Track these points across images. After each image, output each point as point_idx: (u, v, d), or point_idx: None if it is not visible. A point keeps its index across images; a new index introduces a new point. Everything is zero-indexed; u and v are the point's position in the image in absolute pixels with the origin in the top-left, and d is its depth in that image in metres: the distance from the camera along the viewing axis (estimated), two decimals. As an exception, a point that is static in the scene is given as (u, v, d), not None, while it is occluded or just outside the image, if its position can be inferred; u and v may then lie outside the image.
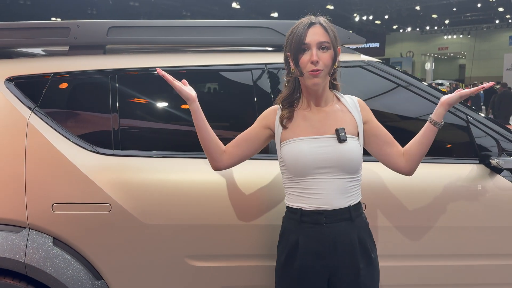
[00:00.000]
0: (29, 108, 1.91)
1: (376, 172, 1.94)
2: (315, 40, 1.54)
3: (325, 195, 1.55)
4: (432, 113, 1.71)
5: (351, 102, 1.68)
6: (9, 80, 1.95)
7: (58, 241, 1.85)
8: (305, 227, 1.57)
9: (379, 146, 1.68)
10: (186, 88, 1.67)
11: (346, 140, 1.55)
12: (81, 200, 1.83)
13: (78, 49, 2.08)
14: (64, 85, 2.00)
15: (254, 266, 1.92)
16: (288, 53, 1.61)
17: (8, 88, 1.93)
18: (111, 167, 1.88)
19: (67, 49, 2.12)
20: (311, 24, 1.56)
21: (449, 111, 2.05)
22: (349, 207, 1.57)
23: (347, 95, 1.71)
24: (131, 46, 2.36)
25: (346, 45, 2.22)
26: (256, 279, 1.92)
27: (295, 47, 1.56)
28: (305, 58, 1.54)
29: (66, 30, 2.04)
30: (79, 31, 2.04)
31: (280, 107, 1.66)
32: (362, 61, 2.13)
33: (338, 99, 1.69)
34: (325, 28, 1.56)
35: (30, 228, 1.83)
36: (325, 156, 1.55)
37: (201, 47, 2.36)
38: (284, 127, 1.62)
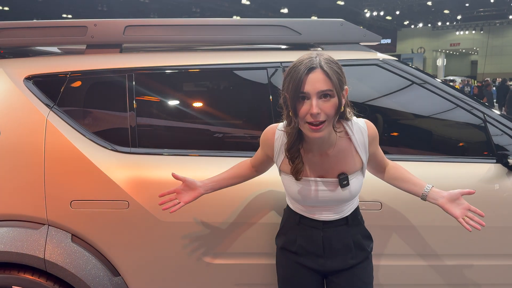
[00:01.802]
0: (48, 106, 1.93)
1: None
2: (315, 89, 1.35)
3: (324, 215, 1.62)
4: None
5: (360, 140, 1.55)
6: (28, 78, 1.98)
7: (76, 238, 1.88)
8: (304, 228, 1.64)
9: (370, 166, 1.72)
10: (188, 181, 1.70)
11: (348, 185, 1.55)
12: (99, 197, 1.86)
13: (95, 47, 2.10)
14: (81, 84, 2.02)
15: (268, 264, 1.93)
16: (286, 95, 1.41)
17: (27, 87, 1.96)
18: (129, 165, 1.90)
19: (84, 48, 2.15)
20: (311, 69, 1.35)
21: (466, 109, 2.04)
22: (346, 216, 1.64)
23: (357, 126, 1.56)
24: (147, 45, 2.38)
25: (362, 43, 2.21)
26: (269, 277, 1.93)
27: (293, 95, 1.37)
28: (304, 108, 1.37)
29: (83, 29, 2.06)
30: (96, 30, 2.06)
31: (287, 155, 1.54)
32: (378, 59, 2.12)
33: (346, 132, 1.55)
34: (326, 74, 1.35)
35: (49, 225, 1.86)
36: (325, 198, 1.58)
37: (216, 46, 2.36)
38: (296, 178, 1.54)
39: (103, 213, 1.86)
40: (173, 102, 2.10)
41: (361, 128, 1.55)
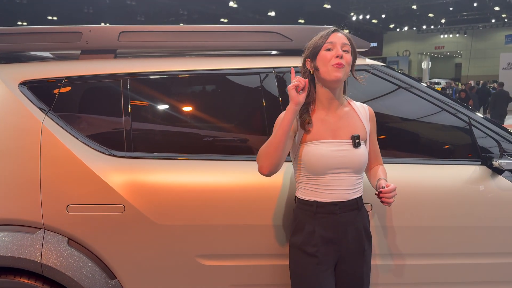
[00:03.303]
0: (43, 111, 1.95)
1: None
2: (340, 41, 1.71)
3: (339, 190, 1.73)
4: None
5: (363, 111, 1.82)
6: (23, 84, 1.99)
7: (73, 242, 1.90)
8: (320, 217, 1.73)
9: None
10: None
11: (360, 146, 1.73)
12: (95, 201, 1.88)
13: (90, 53, 2.12)
14: (76, 89, 2.04)
15: (263, 265, 1.98)
16: (308, 59, 1.74)
17: (22, 92, 1.97)
18: (124, 169, 1.93)
19: (77, 53, 2.17)
20: (336, 30, 1.74)
21: (451, 113, 2.11)
22: (356, 199, 1.77)
23: (359, 103, 1.85)
24: (142, 50, 2.40)
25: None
26: (264, 277, 1.98)
27: (319, 47, 1.70)
28: (331, 54, 1.69)
29: (78, 35, 2.08)
30: (90, 36, 2.08)
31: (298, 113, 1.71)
32: (367, 65, 2.18)
33: (349, 103, 1.83)
34: (347, 36, 1.74)
35: (45, 229, 1.88)
36: (342, 159, 1.71)
37: (209, 51, 2.40)
38: (307, 131, 1.72)
39: (99, 217, 1.88)
40: (167, 107, 2.14)
41: (363, 105, 1.85)
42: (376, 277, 2.03)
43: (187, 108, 2.14)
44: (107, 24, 2.13)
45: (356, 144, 1.71)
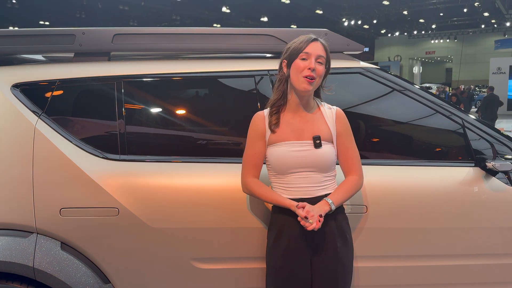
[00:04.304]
0: (36, 114, 1.93)
1: (375, 175, 2.00)
2: (316, 53, 1.76)
3: (304, 187, 1.78)
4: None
5: (329, 113, 1.86)
6: (15, 86, 1.97)
7: (66, 246, 1.87)
8: (291, 212, 1.76)
9: (341, 160, 1.87)
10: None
11: (321, 146, 1.77)
12: (88, 205, 1.86)
13: (83, 55, 2.11)
14: (70, 91, 2.02)
15: (259, 268, 1.96)
16: (285, 60, 1.80)
17: (14, 95, 1.95)
18: (118, 172, 1.91)
19: (71, 56, 2.16)
20: (315, 39, 1.78)
21: (445, 115, 2.13)
22: (325, 195, 1.79)
23: (327, 105, 1.89)
24: (136, 53, 2.40)
25: (345, 52, 2.28)
26: (260, 280, 1.97)
27: (297, 52, 1.76)
28: (304, 64, 1.75)
29: (71, 37, 2.07)
30: (84, 38, 2.07)
31: (270, 108, 1.84)
32: (361, 68, 2.19)
33: (319, 107, 1.87)
34: (324, 47, 1.79)
35: (38, 233, 1.85)
36: (303, 159, 1.78)
37: (204, 54, 2.40)
38: (272, 131, 1.81)
39: (93, 221, 1.86)
40: (161, 110, 2.13)
41: (331, 108, 1.89)
42: (371, 279, 2.03)
43: (181, 111, 2.13)
44: (100, 27, 2.12)
45: (316, 145, 1.77)
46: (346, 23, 27.74)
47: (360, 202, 1.96)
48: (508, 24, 27.40)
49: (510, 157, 2.08)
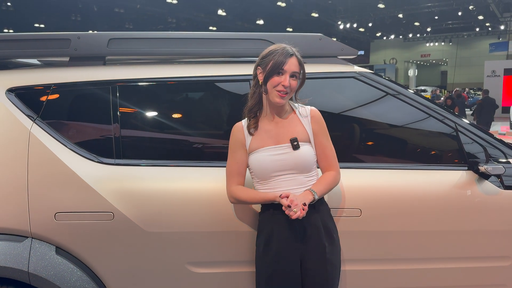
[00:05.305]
0: (31, 118, 1.93)
1: (369, 179, 2.02)
2: (291, 69, 1.80)
3: (289, 190, 1.79)
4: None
5: (303, 113, 1.91)
6: (10, 90, 1.97)
7: (61, 250, 1.87)
8: (278, 217, 1.79)
9: (319, 159, 1.90)
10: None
11: (299, 147, 1.81)
12: (83, 209, 1.86)
13: (79, 60, 2.11)
14: (65, 96, 2.02)
15: (254, 272, 1.97)
16: (260, 67, 1.84)
17: (9, 99, 1.95)
18: (113, 176, 1.91)
19: (66, 60, 2.16)
20: (291, 55, 1.81)
21: (438, 119, 2.15)
22: None
23: (302, 107, 1.92)
24: (131, 57, 2.40)
25: (340, 57, 2.30)
26: (252, 284, 1.97)
27: (273, 69, 1.79)
28: (279, 79, 1.79)
29: (66, 42, 2.07)
30: (79, 43, 2.07)
31: (247, 114, 1.89)
32: (355, 72, 2.21)
33: (294, 110, 1.91)
34: (299, 61, 1.83)
35: (33, 238, 1.85)
36: (283, 162, 1.81)
37: (199, 58, 2.41)
38: (252, 134, 1.85)
39: (88, 225, 1.87)
40: (157, 114, 2.13)
41: (306, 108, 1.92)
42: (365, 282, 2.04)
43: (177, 115, 2.14)
44: (96, 32, 2.12)
45: (294, 147, 1.80)
46: (341, 26, 27.86)
47: (354, 206, 1.97)
48: (502, 27, 27.62)
49: (503, 160, 2.10)
